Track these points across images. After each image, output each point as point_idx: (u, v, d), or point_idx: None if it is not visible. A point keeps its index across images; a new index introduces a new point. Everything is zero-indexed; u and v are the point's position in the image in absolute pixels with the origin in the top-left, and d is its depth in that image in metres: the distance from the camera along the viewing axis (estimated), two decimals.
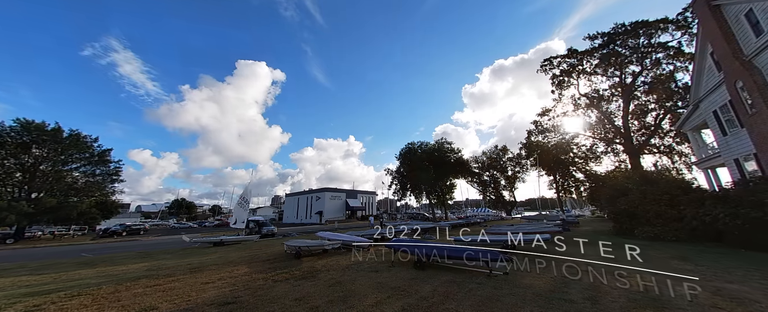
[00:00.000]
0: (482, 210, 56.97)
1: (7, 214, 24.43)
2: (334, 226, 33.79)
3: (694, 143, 18.61)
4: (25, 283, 8.23)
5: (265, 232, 23.53)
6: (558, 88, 34.08)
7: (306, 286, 6.55)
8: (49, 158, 29.20)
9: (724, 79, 13.13)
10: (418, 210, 69.64)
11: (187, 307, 5.31)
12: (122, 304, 5.61)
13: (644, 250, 10.12)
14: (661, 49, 26.87)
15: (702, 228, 11.92)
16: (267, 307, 5.20)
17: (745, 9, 11.71)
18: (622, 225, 15.77)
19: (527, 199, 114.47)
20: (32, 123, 28.30)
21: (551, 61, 34.07)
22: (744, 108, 12.07)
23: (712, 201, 11.75)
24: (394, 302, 5.22)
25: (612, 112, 31.57)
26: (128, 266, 10.60)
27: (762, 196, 9.74)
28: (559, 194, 45.77)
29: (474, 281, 6.55)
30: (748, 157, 12.95)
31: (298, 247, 10.62)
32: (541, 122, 38.29)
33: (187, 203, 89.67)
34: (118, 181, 34.47)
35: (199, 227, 50.23)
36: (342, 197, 66.29)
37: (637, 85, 28.89)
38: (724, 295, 5.34)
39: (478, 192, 58.11)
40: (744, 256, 9.04)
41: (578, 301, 5.11)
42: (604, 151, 34.65)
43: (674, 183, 15.17)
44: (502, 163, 53.46)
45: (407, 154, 45.65)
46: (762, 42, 10.93)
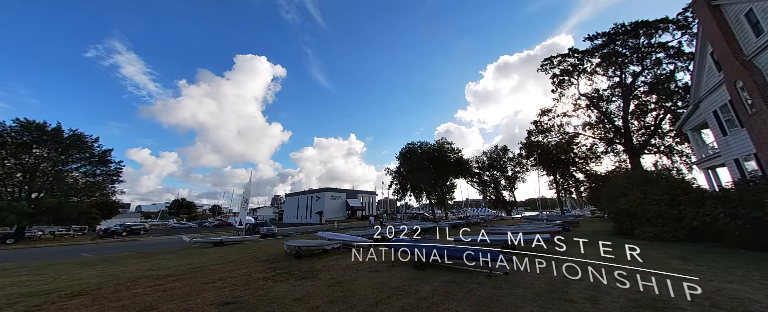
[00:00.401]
0: (482, 210, 56.98)
1: (8, 214, 24.45)
2: (334, 226, 33.82)
3: (694, 143, 18.60)
4: (25, 282, 8.23)
5: (265, 232, 23.57)
6: (558, 87, 34.10)
7: (306, 286, 6.55)
8: (49, 158, 29.21)
9: (724, 79, 13.13)
10: (418, 210, 69.65)
11: (187, 307, 5.31)
12: (122, 304, 5.61)
13: (644, 250, 10.12)
14: (662, 49, 26.88)
15: (702, 228, 11.93)
16: (267, 307, 5.20)
17: (745, 9, 11.71)
18: (622, 225, 15.78)
19: (527, 199, 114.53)
20: (33, 123, 28.32)
21: (551, 60, 34.07)
22: (744, 108, 12.07)
23: (713, 201, 11.74)
24: (394, 302, 5.22)
25: (612, 112, 31.59)
26: (128, 266, 10.61)
27: (762, 196, 9.73)
28: (559, 194, 45.81)
29: (474, 281, 6.55)
30: (748, 157, 12.95)
31: (298, 247, 10.63)
32: (542, 122, 38.32)
33: (187, 203, 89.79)
34: (118, 181, 34.49)
35: (199, 227, 50.25)
36: (342, 197, 66.32)
37: (637, 85, 28.90)
38: (724, 295, 5.34)
39: (478, 192, 58.18)
40: (744, 256, 9.04)
41: (578, 301, 5.11)
42: (604, 151, 34.71)
43: (674, 183, 15.16)
44: (503, 163, 53.51)
45: (407, 154, 45.69)
46: (762, 42, 10.92)
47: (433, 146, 45.32)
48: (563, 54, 33.07)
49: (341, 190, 68.38)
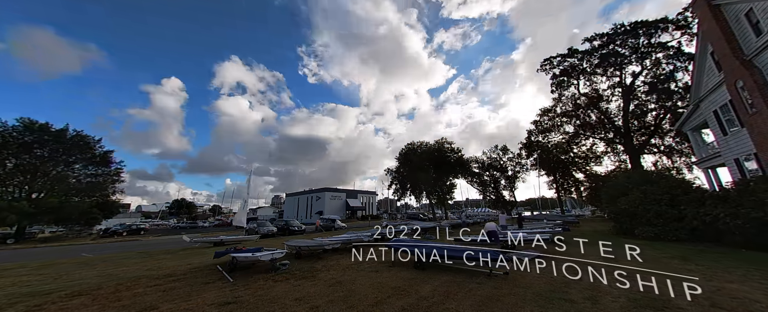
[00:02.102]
0: (482, 210, 57.00)
1: (8, 214, 24.46)
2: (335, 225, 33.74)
3: (694, 143, 18.59)
4: (25, 282, 8.23)
5: (265, 232, 23.75)
6: (558, 88, 34.06)
7: (306, 286, 6.56)
8: (51, 158, 29.25)
9: (724, 78, 13.12)
10: (419, 210, 69.67)
11: (187, 307, 5.32)
12: (122, 304, 5.61)
13: (644, 250, 10.12)
14: (661, 49, 26.84)
15: (702, 228, 11.93)
16: (267, 307, 5.21)
17: (745, 9, 11.70)
18: (622, 225, 15.76)
19: (527, 199, 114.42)
20: (35, 123, 28.38)
21: (551, 60, 34.04)
22: (744, 108, 12.07)
23: (713, 201, 11.75)
24: (394, 302, 5.22)
25: (612, 112, 31.57)
26: (129, 266, 10.60)
27: (762, 196, 9.73)
28: (559, 194, 45.80)
29: (474, 281, 6.55)
30: (748, 156, 12.94)
31: (298, 247, 10.63)
32: (542, 122, 38.30)
33: (187, 203, 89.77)
34: (119, 181, 34.59)
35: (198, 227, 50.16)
36: (342, 197, 66.34)
37: (637, 85, 28.88)
38: (724, 295, 5.34)
39: (478, 192, 58.15)
40: (744, 256, 9.04)
41: (578, 301, 5.11)
42: (604, 151, 34.68)
43: (674, 183, 15.15)
44: (502, 163, 53.46)
45: (407, 154, 45.71)
46: (762, 42, 10.92)
47: (433, 146, 45.36)
48: (563, 54, 33.03)
49: (341, 190, 68.39)
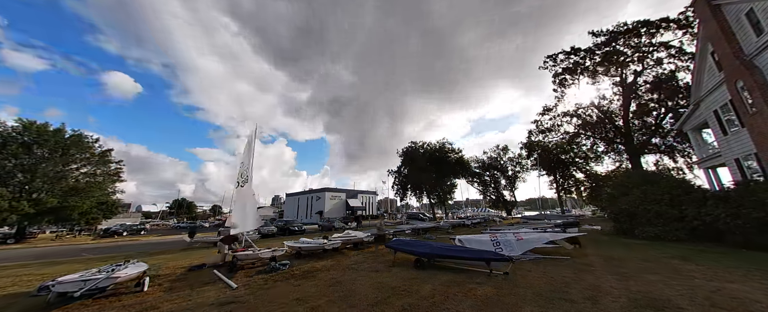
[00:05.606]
0: (482, 210, 56.96)
1: (9, 214, 24.48)
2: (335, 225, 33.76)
3: (694, 143, 18.56)
4: (26, 282, 8.24)
5: (265, 232, 23.81)
6: (560, 86, 33.96)
7: (306, 286, 6.55)
8: (50, 158, 29.25)
9: (724, 78, 13.10)
10: (419, 210, 69.66)
11: (188, 307, 5.32)
12: (123, 304, 5.62)
13: (644, 250, 10.14)
14: (663, 48, 26.80)
15: (703, 228, 11.91)
16: (267, 307, 5.20)
17: (745, 9, 11.68)
18: (622, 225, 15.73)
19: (527, 199, 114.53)
20: (34, 123, 28.41)
21: (554, 57, 33.88)
22: (744, 107, 12.05)
23: (714, 201, 11.73)
24: (394, 302, 5.22)
25: (613, 112, 31.51)
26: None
27: (763, 196, 9.72)
28: (560, 194, 45.77)
29: (474, 281, 6.54)
30: (748, 156, 12.92)
31: (299, 247, 10.63)
32: (542, 121, 38.20)
33: (188, 203, 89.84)
34: (119, 180, 34.56)
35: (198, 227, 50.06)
36: (342, 197, 66.31)
37: (638, 85, 28.83)
38: (724, 295, 5.33)
39: (479, 192, 58.15)
40: (745, 256, 9.02)
41: (578, 301, 5.10)
42: (604, 150, 34.60)
43: (675, 183, 15.12)
44: (503, 163, 53.45)
45: (409, 154, 45.72)
46: (763, 41, 10.90)
47: (435, 146, 45.39)
48: (566, 51, 32.91)
49: (341, 190, 68.36)
